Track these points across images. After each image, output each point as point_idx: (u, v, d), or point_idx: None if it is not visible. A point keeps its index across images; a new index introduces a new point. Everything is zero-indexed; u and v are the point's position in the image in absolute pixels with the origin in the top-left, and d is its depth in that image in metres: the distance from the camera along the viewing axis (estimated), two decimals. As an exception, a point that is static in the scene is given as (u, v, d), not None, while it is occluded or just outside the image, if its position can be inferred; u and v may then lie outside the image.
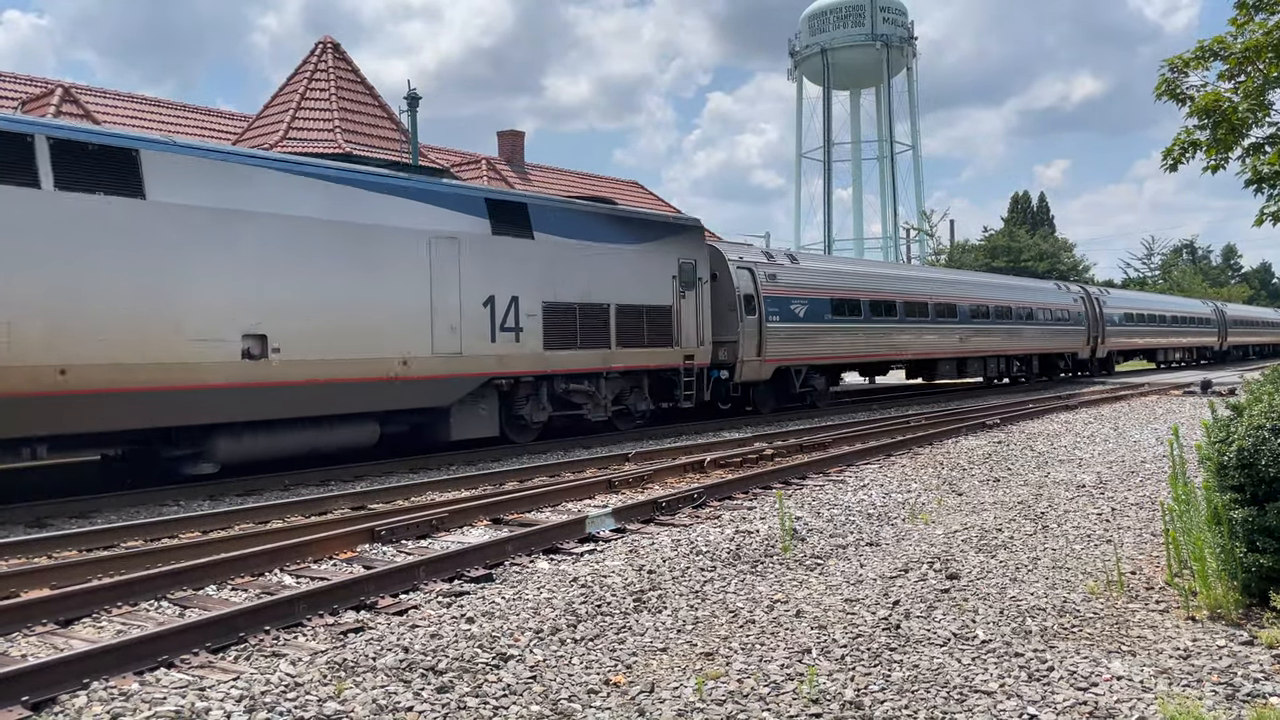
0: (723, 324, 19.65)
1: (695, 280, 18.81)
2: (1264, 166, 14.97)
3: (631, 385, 17.69)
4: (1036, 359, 34.02)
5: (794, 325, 21.49)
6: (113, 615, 6.41)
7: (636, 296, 17.43)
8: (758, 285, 20.55)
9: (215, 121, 29.86)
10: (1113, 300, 40.65)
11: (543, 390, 15.96)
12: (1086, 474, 11.81)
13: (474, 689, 4.85)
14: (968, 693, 4.65)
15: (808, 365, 22.19)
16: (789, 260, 22.78)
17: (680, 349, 18.31)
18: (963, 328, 28.39)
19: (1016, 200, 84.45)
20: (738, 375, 19.86)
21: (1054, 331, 34.21)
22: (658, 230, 18.40)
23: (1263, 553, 5.50)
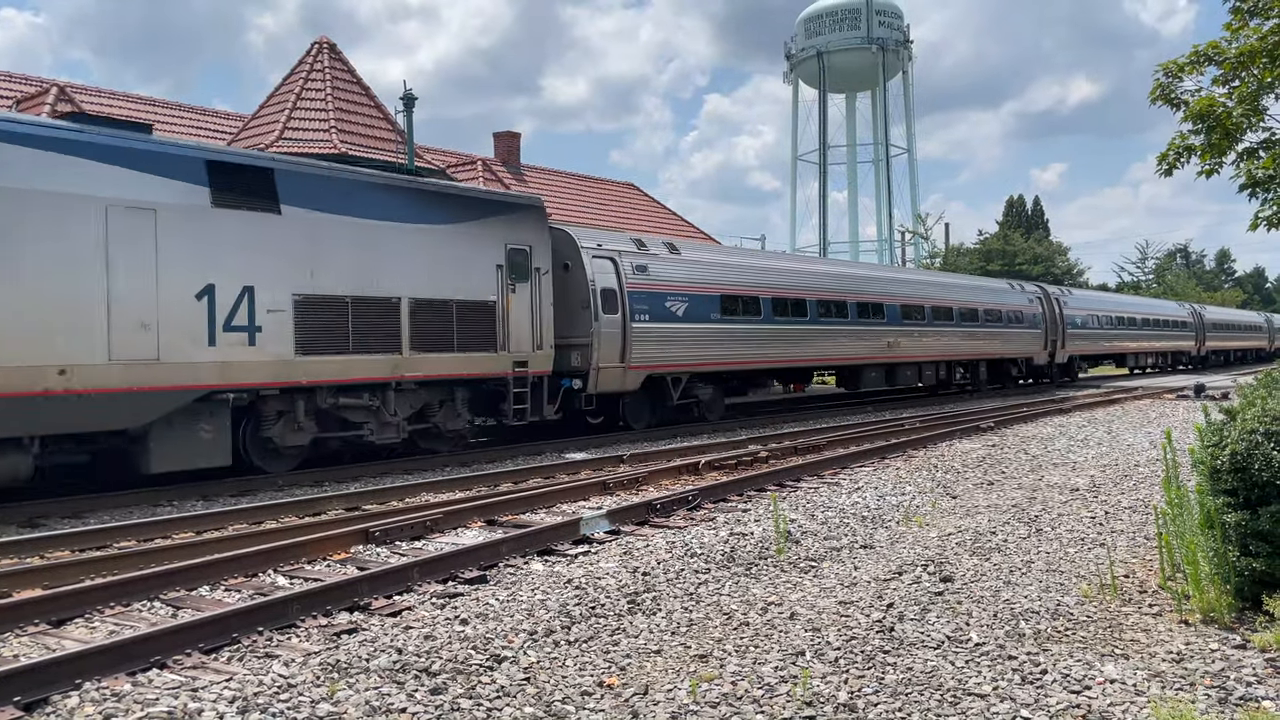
0: (577, 323, 16.94)
1: (531, 270, 15.73)
2: (1258, 171, 15.00)
3: (440, 399, 14.73)
4: (984, 364, 31.06)
5: (670, 326, 18.45)
6: (105, 616, 6.39)
7: (443, 289, 14.36)
8: (622, 278, 17.57)
9: (211, 121, 29.80)
10: (1075, 301, 37.58)
11: (299, 406, 12.86)
12: (1080, 477, 11.83)
13: (467, 690, 4.84)
14: (961, 695, 4.65)
15: (689, 373, 19.19)
16: (666, 250, 19.63)
17: (508, 354, 15.27)
18: (892, 330, 25.56)
19: (1012, 204, 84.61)
20: (592, 385, 16.85)
21: (1004, 334, 31.25)
22: (477, 209, 15.22)
23: (1256, 556, 5.52)
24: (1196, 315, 51.89)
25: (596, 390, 17.01)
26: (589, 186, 41.99)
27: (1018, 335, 32.06)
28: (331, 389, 13.19)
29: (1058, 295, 35.80)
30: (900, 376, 26.15)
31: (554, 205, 35.53)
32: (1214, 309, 60.59)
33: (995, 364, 31.89)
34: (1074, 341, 35.90)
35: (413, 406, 14.37)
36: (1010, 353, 32.04)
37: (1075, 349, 36.29)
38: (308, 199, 12.87)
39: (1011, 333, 31.64)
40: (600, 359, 16.96)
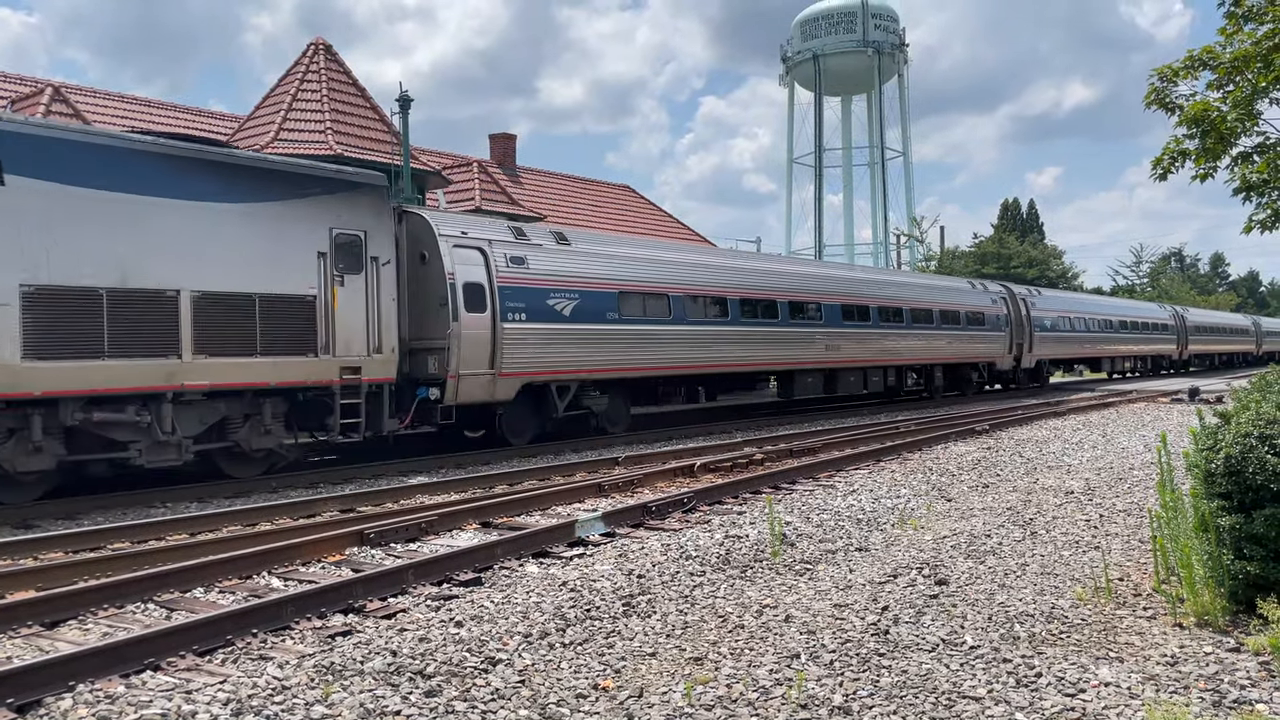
0: (435, 323, 14.83)
1: (367, 260, 13.53)
2: (1253, 175, 15.05)
3: (245, 412, 12.40)
4: (940, 369, 28.69)
5: (553, 327, 16.23)
6: (99, 617, 6.38)
7: (242, 280, 12.05)
8: (492, 271, 15.40)
9: (206, 122, 29.76)
10: (1044, 302, 35.26)
11: (35, 423, 10.59)
12: (1075, 480, 11.85)
13: (462, 693, 4.84)
14: (956, 698, 4.65)
15: (579, 380, 16.91)
16: (553, 240, 17.28)
17: (333, 358, 13.02)
18: (831, 332, 23.26)
19: (1006, 207, 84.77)
20: (450, 395, 14.63)
21: (962, 337, 28.92)
22: (290, 185, 12.79)
23: (1250, 560, 5.53)
24: (1178, 317, 49.90)
25: (457, 401, 14.81)
26: (584, 189, 42.00)
27: (978, 338, 29.90)
28: (80, 401, 10.85)
29: (1024, 296, 33.70)
30: (842, 383, 23.94)
31: (549, 207, 35.57)
32: (1197, 311, 58.44)
33: (953, 369, 29.64)
34: (1042, 345, 33.83)
35: (203, 422, 12.02)
36: (969, 356, 29.76)
37: (1044, 353, 34.20)
38: (44, 167, 10.58)
39: (971, 335, 29.47)
40: (461, 365, 14.74)
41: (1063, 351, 36.13)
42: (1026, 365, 32.97)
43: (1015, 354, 32.06)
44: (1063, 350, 36.00)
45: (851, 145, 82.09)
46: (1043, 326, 33.81)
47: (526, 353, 15.80)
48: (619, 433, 17.93)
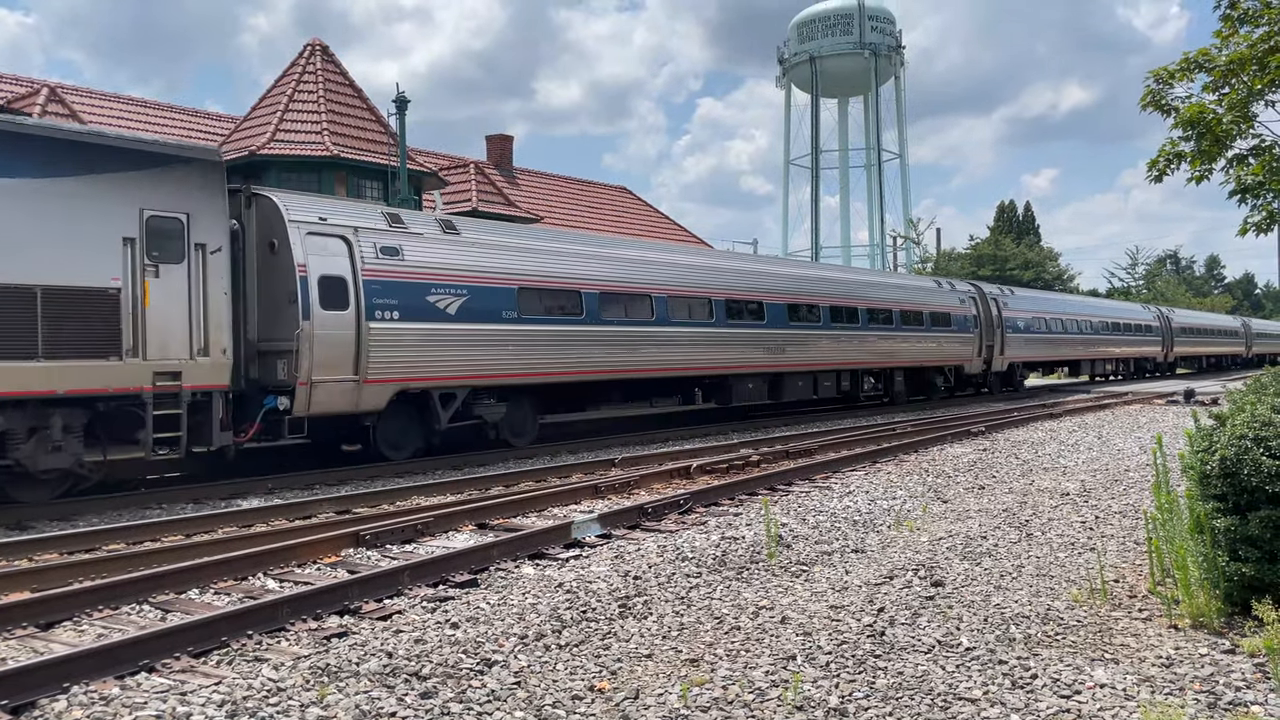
0: (286, 322, 12.91)
1: (189, 248, 11.66)
2: (1248, 177, 15.08)
3: (30, 425, 10.55)
4: (901, 373, 26.92)
5: (435, 327, 14.42)
6: (94, 619, 6.37)
7: (20, 270, 10.26)
8: (357, 263, 13.54)
9: (202, 123, 29.75)
10: (1018, 302, 33.64)
11: None
12: (1071, 482, 11.87)
13: (458, 695, 4.83)
14: (952, 700, 4.66)
15: (469, 386, 15.00)
16: (438, 229, 15.34)
17: (145, 362, 11.18)
18: (775, 334, 21.46)
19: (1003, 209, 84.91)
20: (302, 404, 12.74)
21: (926, 338, 27.19)
22: (87, 159, 10.94)
23: (1245, 561, 5.54)
24: (1163, 319, 48.31)
25: (310, 411, 12.89)
26: (582, 190, 42.02)
27: (943, 339, 28.09)
28: None
29: (996, 296, 31.99)
30: (788, 388, 22.04)
31: (546, 209, 35.58)
32: (1183, 312, 56.78)
33: (916, 373, 27.87)
34: (1015, 347, 32.21)
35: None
36: (934, 359, 27.98)
37: (1016, 355, 32.50)
38: None
39: (935, 336, 27.67)
40: (314, 370, 12.85)
41: (1038, 354, 34.63)
42: (998, 369, 31.45)
43: (985, 357, 30.47)
44: (1038, 352, 34.51)
45: (848, 147, 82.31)
46: (1015, 328, 32.30)
47: (400, 356, 13.93)
48: (523, 445, 16.16)
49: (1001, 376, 32.52)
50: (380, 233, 14.26)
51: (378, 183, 25.33)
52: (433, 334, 14.44)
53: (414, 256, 14.48)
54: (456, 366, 14.75)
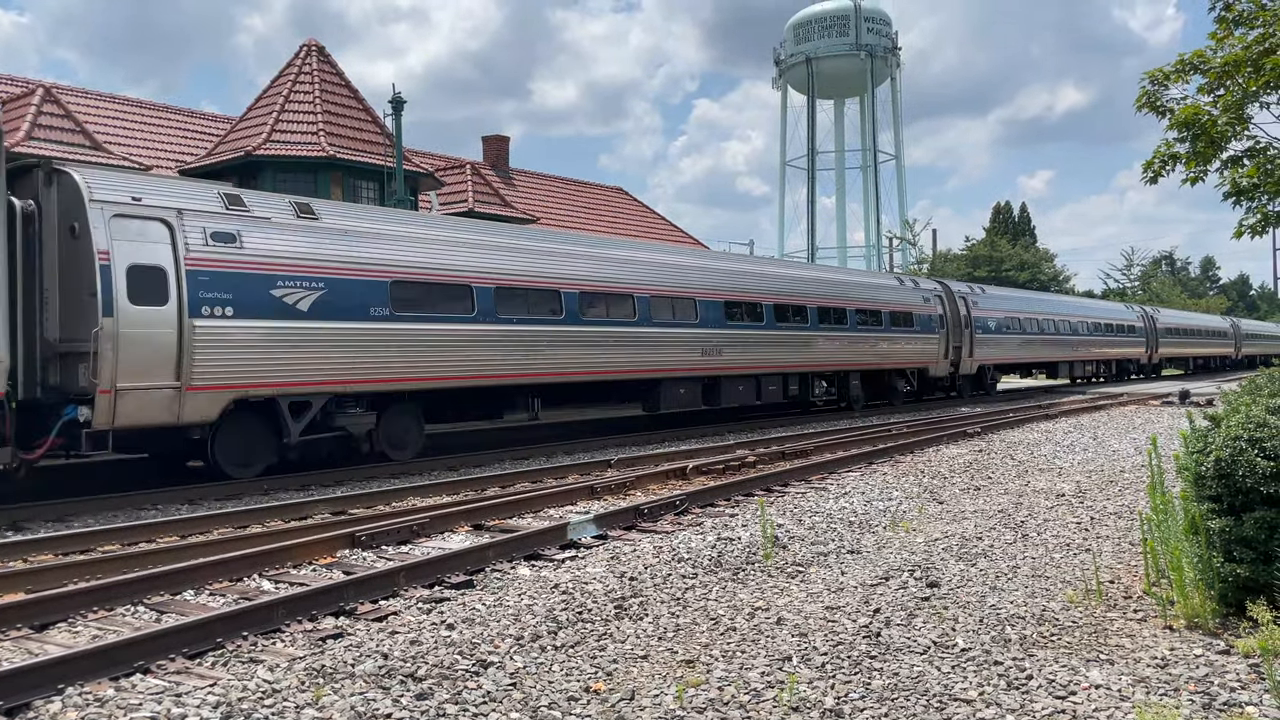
0: (88, 318, 11.11)
1: None
2: (1243, 179, 15.12)
3: None
4: (857, 376, 25.16)
5: (281, 325, 12.59)
6: (89, 620, 6.35)
7: None
8: (179, 251, 11.75)
9: (198, 123, 29.71)
10: (988, 301, 31.80)
11: None
12: (1066, 483, 11.88)
13: (453, 696, 4.83)
14: (947, 701, 4.66)
15: (327, 394, 13.22)
16: (290, 212, 13.43)
17: None
18: (712, 334, 19.73)
19: (998, 210, 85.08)
20: (105, 415, 10.97)
21: (885, 339, 25.66)
22: None
23: (1239, 563, 5.55)
24: (1147, 319, 46.49)
25: (115, 424, 11.08)
26: (577, 191, 42.02)
27: (905, 340, 26.49)
28: None
29: (965, 294, 30.30)
30: (726, 393, 20.25)
31: (542, 209, 35.58)
32: (1169, 312, 54.89)
33: (876, 376, 26.24)
34: (985, 348, 30.42)
35: None
36: (895, 361, 26.31)
37: (987, 356, 30.71)
38: None
39: (895, 337, 26.05)
40: (119, 375, 11.03)
41: (1011, 355, 32.72)
42: (967, 371, 29.82)
43: (953, 358, 28.88)
44: (1011, 354, 32.69)
45: (844, 148, 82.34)
46: (986, 328, 30.61)
47: (236, 359, 12.09)
48: (406, 459, 14.53)
49: (972, 379, 30.85)
50: (212, 216, 12.34)
51: (374, 183, 25.33)
52: (278, 333, 12.55)
53: (256, 244, 12.59)
54: (310, 371, 12.86)
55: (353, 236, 13.84)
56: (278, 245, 12.85)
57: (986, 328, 30.78)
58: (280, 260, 12.77)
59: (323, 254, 13.26)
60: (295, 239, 13.10)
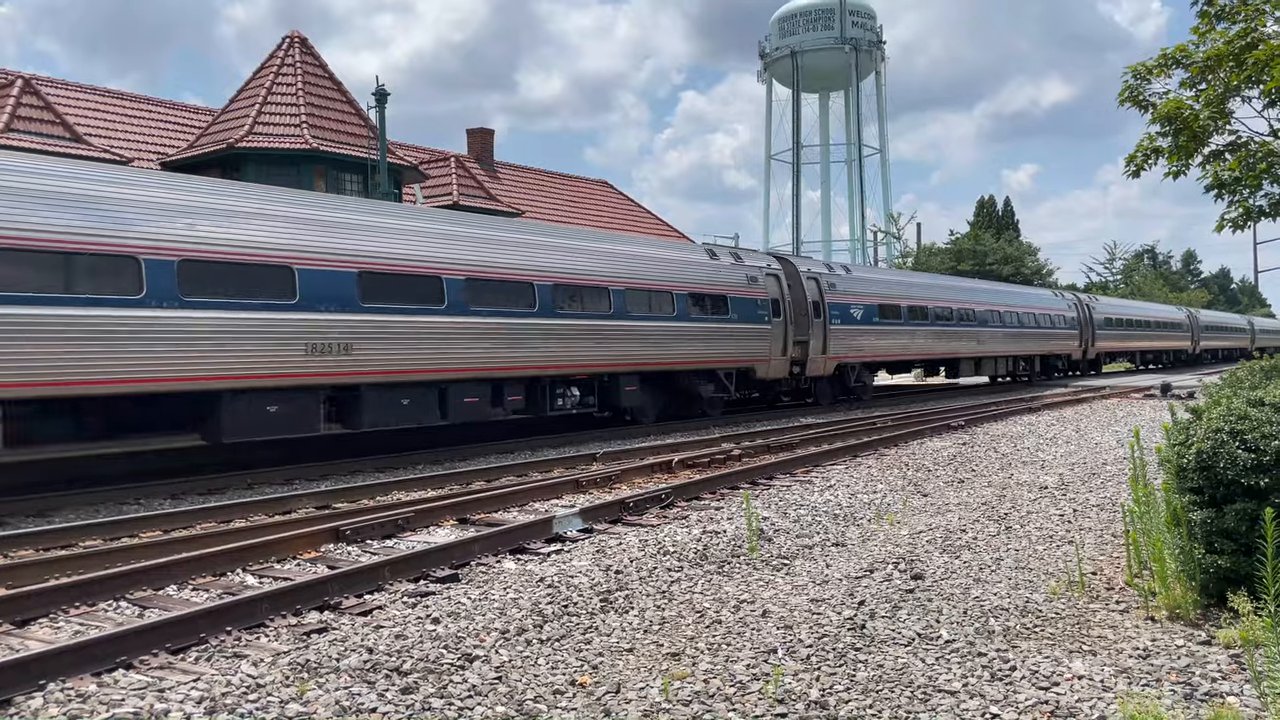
0: None
1: None
2: (1224, 173, 15.22)
3: None
4: (635, 379, 18.40)
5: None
6: (70, 615, 6.31)
7: None
8: None
9: (180, 115, 29.48)
10: (853, 284, 25.62)
11: None
12: (1049, 475, 11.95)
13: (439, 690, 4.82)
14: (931, 692, 4.68)
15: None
16: None
17: None
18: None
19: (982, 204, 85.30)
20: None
21: (682, 332, 19.34)
22: None
23: (1221, 554, 5.59)
24: (1082, 308, 40.27)
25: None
26: (562, 184, 41.93)
27: (714, 332, 20.27)
28: None
29: (819, 275, 24.31)
30: (372, 409, 13.92)
31: (527, 203, 35.49)
32: (1110, 301, 48.73)
33: (668, 378, 19.60)
34: (846, 341, 24.50)
35: None
36: (697, 360, 19.84)
37: (849, 353, 24.68)
38: None
39: (697, 328, 19.76)
40: None
41: (885, 350, 26.38)
42: (819, 372, 23.78)
43: (796, 355, 22.94)
44: (885, 349, 26.33)
45: (829, 142, 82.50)
46: (848, 317, 24.62)
47: None
48: None
49: (832, 381, 24.86)
50: None
51: (358, 176, 25.21)
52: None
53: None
54: None
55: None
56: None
57: (849, 317, 24.66)
58: None
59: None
60: None
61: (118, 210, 11.43)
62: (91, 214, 11.18)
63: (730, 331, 20.85)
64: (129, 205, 11.57)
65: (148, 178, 13.18)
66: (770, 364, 22.07)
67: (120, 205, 11.49)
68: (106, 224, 11.27)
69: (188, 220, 12.04)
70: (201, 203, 12.45)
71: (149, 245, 11.54)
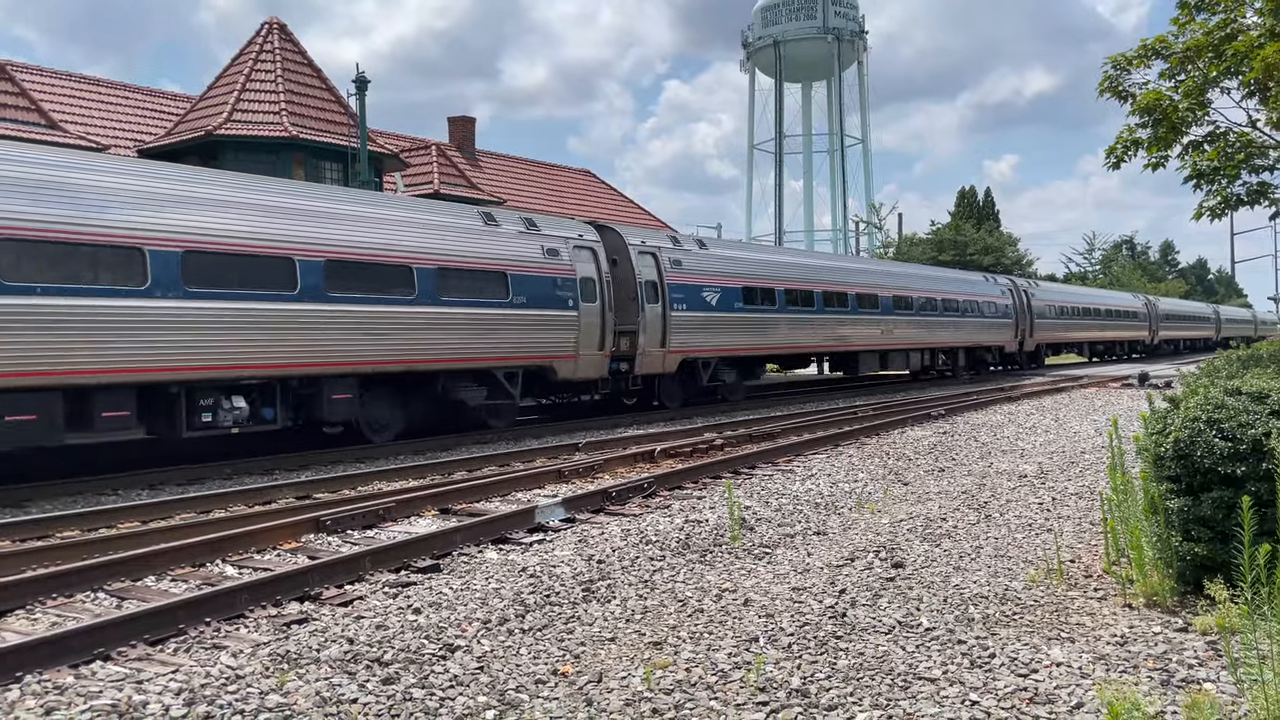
0: None
1: None
2: (1203, 164, 15.31)
3: None
4: (353, 383, 13.96)
5: None
6: (47, 607, 6.26)
7: None
8: None
9: (157, 102, 29.17)
10: (705, 262, 20.80)
11: None
12: (1028, 464, 12.03)
13: (420, 680, 4.81)
14: (912, 680, 4.70)
15: None
16: None
17: None
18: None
19: (963, 195, 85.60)
20: None
21: (440, 323, 14.95)
22: None
23: (1197, 542, 5.64)
24: (1019, 295, 36.21)
25: None
26: (544, 173, 41.78)
27: (482, 320, 15.58)
28: None
29: (656, 248, 19.68)
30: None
31: (509, 191, 35.36)
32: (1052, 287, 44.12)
33: (419, 382, 15.23)
34: (691, 331, 19.78)
35: None
36: (470, 357, 15.44)
37: (698, 344, 20.02)
38: None
39: (456, 318, 15.17)
40: None
41: (746, 342, 21.69)
42: (652, 369, 19.13)
43: (623, 348, 18.50)
44: (748, 340, 21.69)
45: (812, 132, 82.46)
46: (697, 302, 19.93)
47: None
48: None
49: (684, 380, 20.46)
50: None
51: (337, 164, 25.02)
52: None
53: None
54: None
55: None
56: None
57: (700, 301, 20.09)
58: None
59: None
60: None
61: None
62: None
63: (511, 320, 15.94)
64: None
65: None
66: (578, 361, 17.28)
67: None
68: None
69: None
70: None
71: None
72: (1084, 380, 29.18)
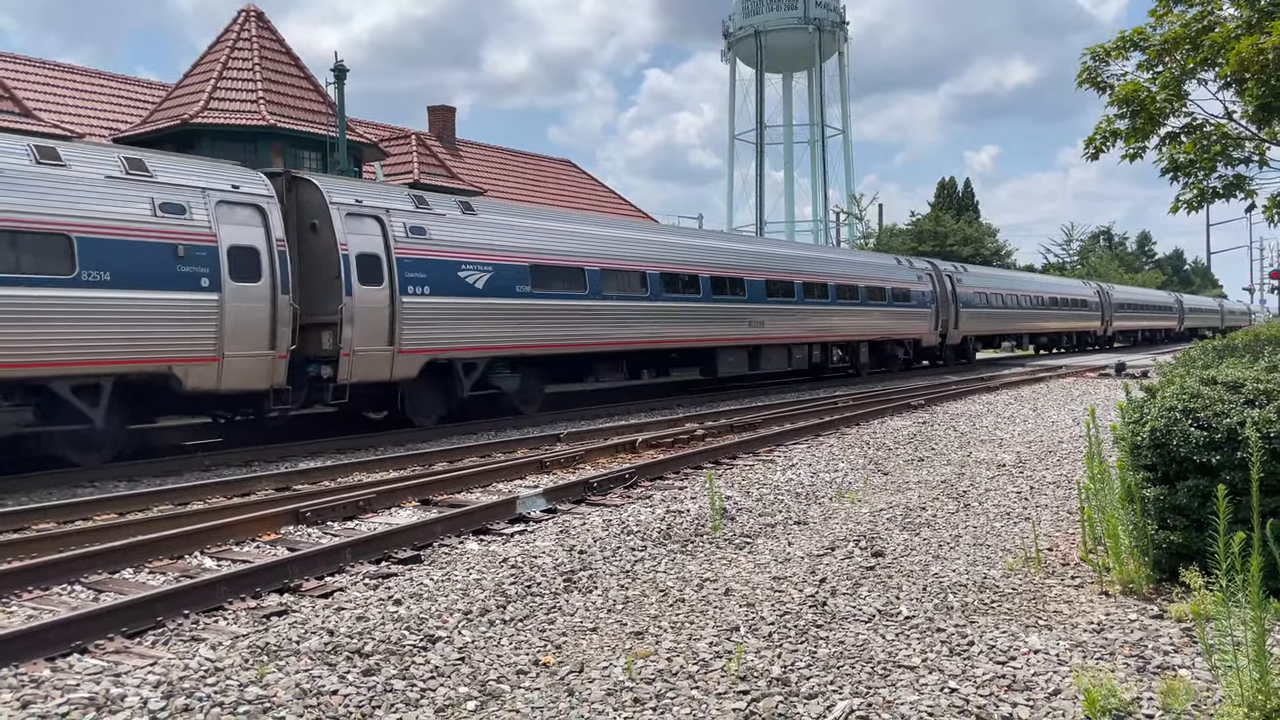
0: None
1: None
2: (1180, 156, 15.43)
3: None
4: None
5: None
6: (23, 600, 6.20)
7: None
8: None
9: (134, 90, 28.86)
10: (460, 231, 15.84)
11: None
12: (1007, 453, 12.11)
13: (401, 671, 4.80)
14: (891, 668, 4.73)
15: None
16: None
17: None
18: None
19: (943, 186, 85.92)
20: None
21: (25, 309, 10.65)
22: None
23: (1173, 530, 5.69)
24: (942, 281, 31.79)
25: None
26: (525, 163, 41.63)
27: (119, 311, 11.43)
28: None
29: (382, 210, 14.68)
30: None
31: (489, 181, 35.21)
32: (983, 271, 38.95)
33: None
34: (440, 322, 15.17)
35: None
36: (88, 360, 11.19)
37: (451, 339, 15.33)
38: None
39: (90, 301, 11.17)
40: None
41: (534, 337, 16.86)
42: (374, 376, 14.28)
43: (313, 348, 13.87)
44: (535, 335, 16.88)
45: (793, 122, 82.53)
46: (453, 285, 15.39)
47: None
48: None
49: (429, 390, 15.64)
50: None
51: (316, 153, 24.84)
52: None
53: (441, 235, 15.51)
54: None
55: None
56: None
57: (459, 285, 15.59)
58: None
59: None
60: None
61: None
62: None
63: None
64: None
65: None
66: (223, 365, 12.43)
67: None
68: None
69: None
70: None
71: None
72: (1062, 370, 29.37)
